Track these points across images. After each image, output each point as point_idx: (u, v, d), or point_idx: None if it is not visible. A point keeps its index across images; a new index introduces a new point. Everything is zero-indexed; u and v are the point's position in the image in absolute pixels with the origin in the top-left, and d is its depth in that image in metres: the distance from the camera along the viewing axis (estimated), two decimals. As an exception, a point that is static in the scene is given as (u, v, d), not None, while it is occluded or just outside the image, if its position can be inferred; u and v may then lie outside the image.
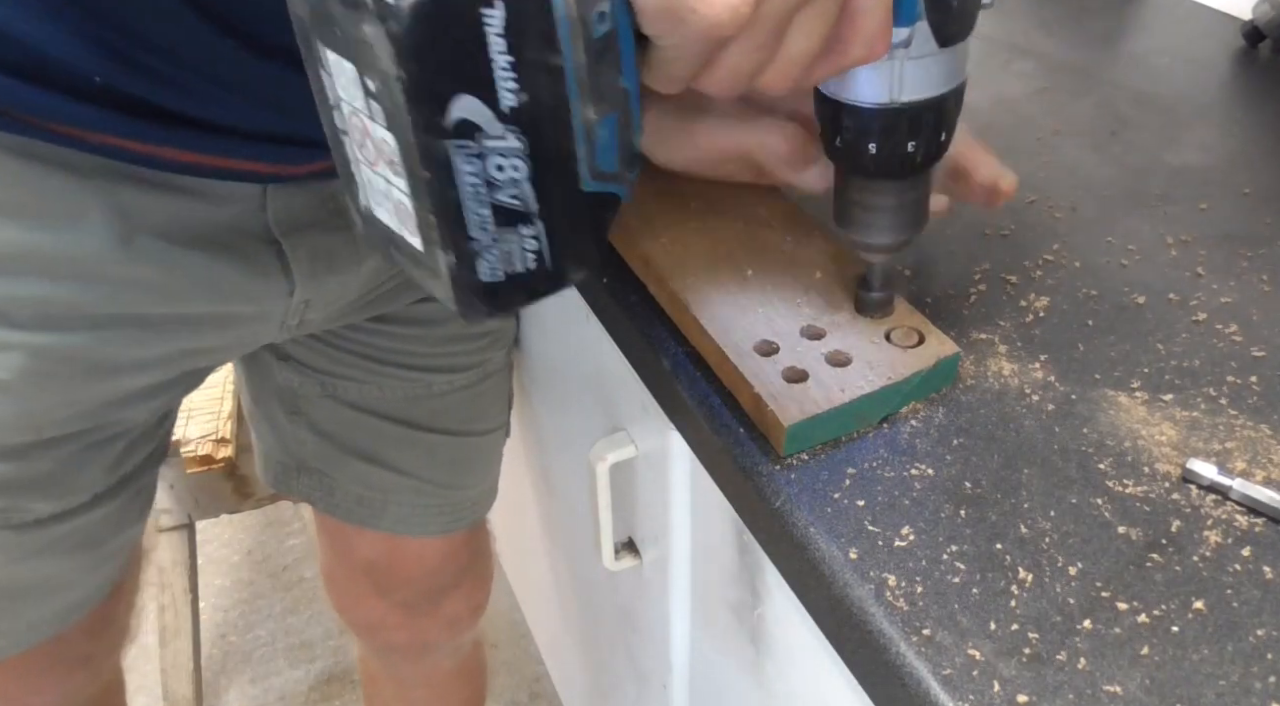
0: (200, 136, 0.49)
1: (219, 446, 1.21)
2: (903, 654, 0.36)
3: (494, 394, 0.80)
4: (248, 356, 0.76)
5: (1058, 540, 0.40)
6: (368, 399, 0.74)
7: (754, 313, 0.49)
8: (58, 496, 0.61)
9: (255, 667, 1.46)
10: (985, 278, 0.55)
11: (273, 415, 0.78)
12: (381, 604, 0.89)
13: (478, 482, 0.84)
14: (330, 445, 0.77)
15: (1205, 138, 0.67)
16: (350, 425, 0.76)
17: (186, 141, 0.49)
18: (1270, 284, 0.54)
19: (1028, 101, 0.71)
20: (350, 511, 0.80)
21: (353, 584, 0.89)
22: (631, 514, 0.71)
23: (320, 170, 0.55)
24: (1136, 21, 0.83)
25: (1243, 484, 0.41)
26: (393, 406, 0.75)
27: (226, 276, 0.55)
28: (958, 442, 0.45)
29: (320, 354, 0.72)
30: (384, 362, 0.73)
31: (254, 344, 0.66)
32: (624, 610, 0.82)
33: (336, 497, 0.80)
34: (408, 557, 0.85)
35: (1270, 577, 0.39)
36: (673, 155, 0.54)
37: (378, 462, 0.77)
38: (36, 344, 0.52)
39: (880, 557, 0.40)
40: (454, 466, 0.81)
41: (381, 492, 0.79)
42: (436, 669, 1.00)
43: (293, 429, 0.78)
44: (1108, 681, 0.35)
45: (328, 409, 0.75)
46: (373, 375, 0.73)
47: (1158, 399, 0.47)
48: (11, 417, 0.55)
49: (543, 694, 1.40)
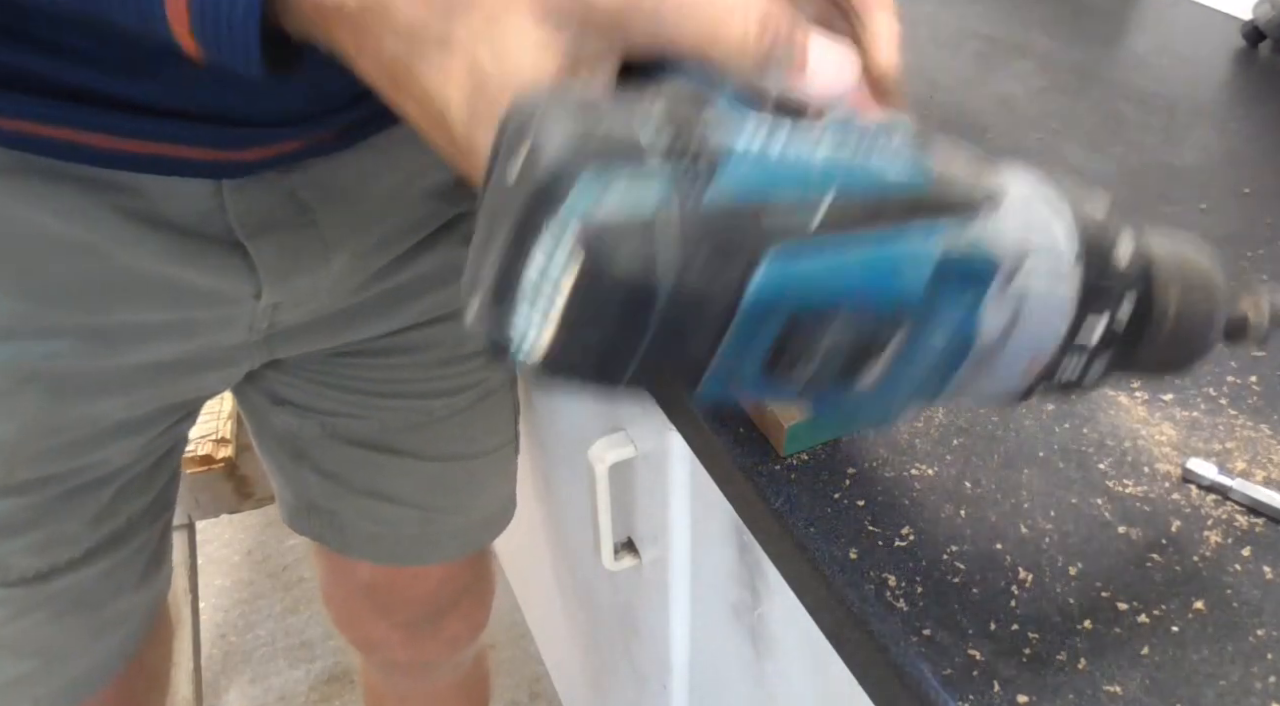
0: (132, 120, 0.44)
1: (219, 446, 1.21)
2: (903, 654, 0.36)
3: (498, 410, 0.77)
4: (247, 405, 0.73)
5: (1058, 540, 0.40)
6: (369, 433, 0.71)
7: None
8: (41, 549, 0.57)
9: (255, 667, 1.45)
10: (985, 278, 0.54)
11: (278, 460, 0.76)
12: (382, 624, 0.87)
13: (489, 504, 0.82)
14: (337, 484, 0.74)
15: (1205, 138, 0.67)
16: (355, 462, 0.73)
17: (116, 126, 0.44)
18: (1270, 284, 0.54)
19: (1028, 101, 0.71)
20: (362, 548, 0.78)
21: (352, 604, 0.87)
22: (631, 514, 0.71)
23: (273, 155, 0.50)
24: (1136, 21, 0.83)
25: (1243, 484, 0.41)
26: (395, 438, 0.72)
27: (184, 280, 0.51)
28: (958, 442, 0.45)
29: (316, 394, 0.69)
30: (381, 394, 0.70)
31: (225, 357, 0.60)
32: (624, 610, 0.82)
33: (347, 535, 0.77)
34: (408, 581, 0.83)
35: (1270, 577, 0.39)
36: None
37: (386, 498, 0.75)
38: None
39: (880, 557, 0.40)
40: (463, 491, 0.78)
41: (392, 526, 0.76)
42: (438, 684, 0.98)
43: (298, 471, 0.75)
44: (1108, 681, 0.35)
45: (330, 448, 0.72)
46: (371, 408, 0.70)
47: (1158, 399, 0.47)
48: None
49: (543, 694, 1.40)
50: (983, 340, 0.27)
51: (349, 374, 0.68)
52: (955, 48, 0.78)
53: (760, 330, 0.24)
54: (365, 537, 0.77)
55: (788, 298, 0.24)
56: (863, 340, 0.26)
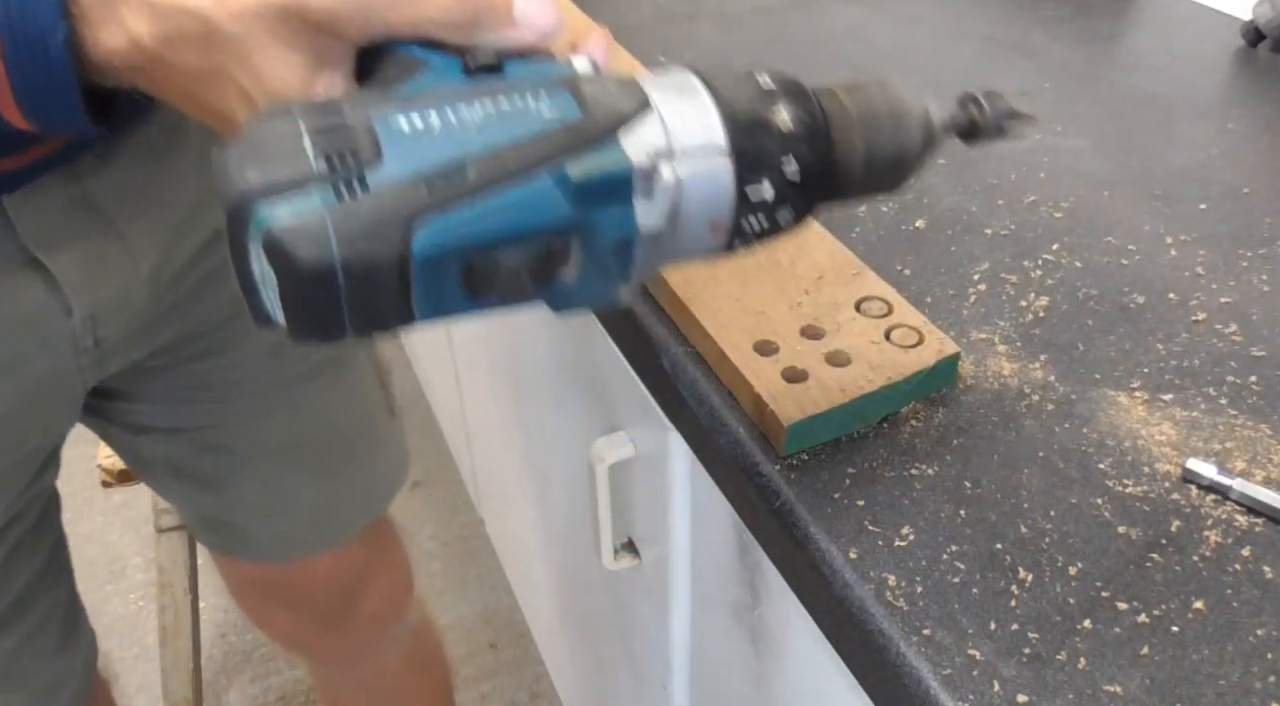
0: None
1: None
2: (903, 653, 0.36)
3: (360, 380, 0.77)
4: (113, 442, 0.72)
5: (1058, 540, 0.40)
6: (239, 437, 0.71)
7: (754, 312, 0.49)
8: None
9: (255, 667, 1.45)
10: (985, 277, 0.55)
11: (163, 484, 0.76)
12: (293, 617, 0.86)
13: (374, 473, 0.81)
14: (223, 495, 0.74)
15: (1205, 137, 0.67)
16: (234, 469, 0.73)
17: None
18: (1270, 284, 0.54)
19: (1031, 101, 0.71)
20: (276, 552, 0.78)
21: (261, 604, 0.87)
22: (631, 514, 0.71)
23: (46, 155, 0.49)
24: (1136, 21, 0.83)
25: (1242, 483, 0.41)
26: (270, 436, 0.72)
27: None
28: (958, 442, 0.45)
29: (174, 414, 0.69)
30: (234, 397, 0.69)
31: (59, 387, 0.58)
32: (623, 610, 0.82)
33: (250, 540, 0.77)
34: (303, 571, 0.82)
35: (1270, 577, 0.39)
36: None
37: (276, 498, 0.75)
38: None
39: (880, 557, 0.40)
40: (346, 466, 0.78)
41: (288, 522, 0.77)
42: (383, 669, 0.96)
43: (184, 491, 0.75)
44: (1108, 681, 0.35)
45: (206, 461, 0.72)
46: (231, 412, 0.70)
47: (1158, 399, 0.47)
48: None
49: (542, 693, 1.40)
50: (648, 230, 0.33)
51: (197, 383, 0.68)
52: (957, 48, 0.78)
53: (442, 273, 0.30)
54: (271, 538, 0.77)
55: (451, 248, 0.30)
56: (541, 255, 0.32)
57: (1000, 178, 0.63)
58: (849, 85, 0.37)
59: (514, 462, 1.12)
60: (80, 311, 0.54)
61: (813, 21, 0.83)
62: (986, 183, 0.62)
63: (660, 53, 0.77)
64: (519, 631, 1.47)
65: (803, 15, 0.85)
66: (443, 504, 1.68)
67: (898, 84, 0.37)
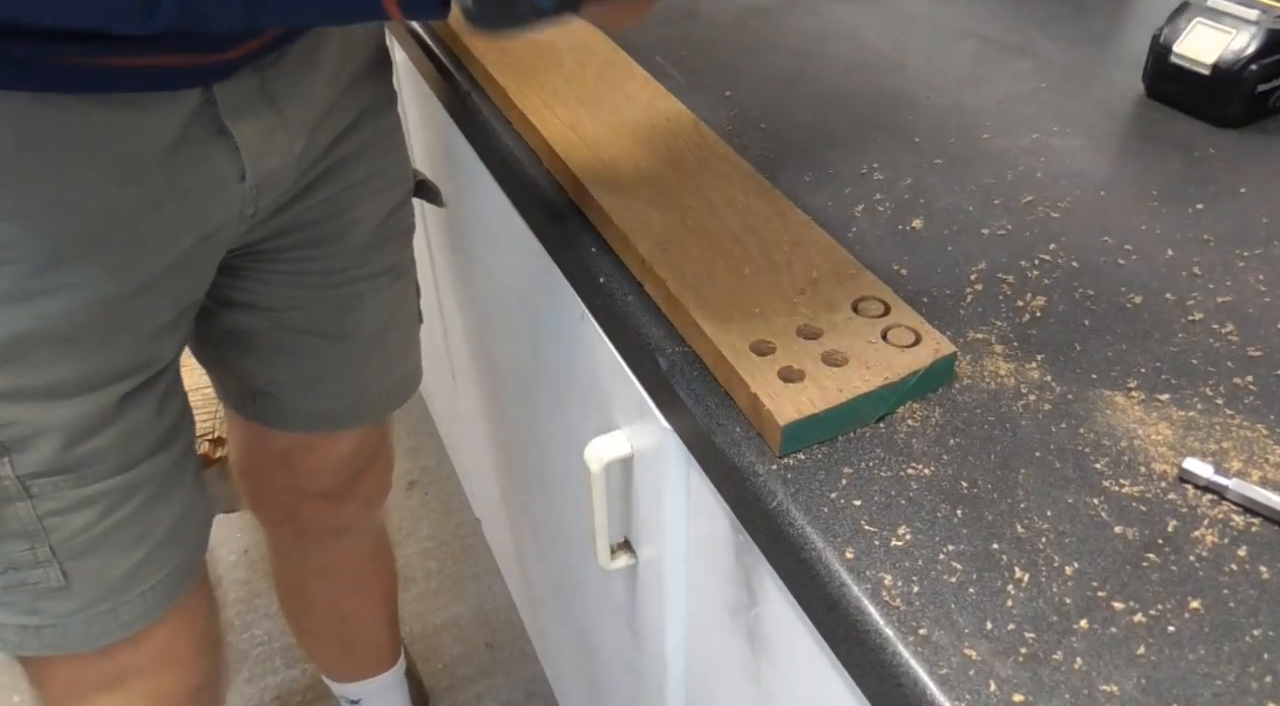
0: (133, 43, 0.53)
1: (215, 446, 1.21)
2: (899, 653, 0.36)
3: (407, 289, 0.88)
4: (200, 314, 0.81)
5: (1054, 540, 0.40)
6: (311, 321, 0.81)
7: (750, 312, 0.49)
8: (123, 442, 0.66)
9: (252, 667, 1.45)
10: (982, 277, 0.54)
11: (222, 356, 0.85)
12: (299, 491, 0.95)
13: (403, 368, 0.91)
14: (281, 370, 0.84)
15: (1203, 137, 0.67)
16: (298, 348, 0.82)
17: (122, 49, 0.53)
18: (1266, 284, 0.54)
19: (1027, 101, 0.71)
20: (301, 423, 0.88)
21: (270, 476, 0.94)
22: (627, 513, 0.71)
23: (256, 49, 0.60)
24: (1136, 21, 0.83)
25: (1239, 483, 0.41)
26: (332, 323, 0.82)
27: (188, 168, 0.60)
28: (954, 442, 0.45)
29: (265, 294, 0.79)
30: (319, 285, 0.79)
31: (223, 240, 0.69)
32: (620, 610, 0.82)
33: (289, 414, 0.87)
34: (326, 446, 0.91)
35: (1266, 577, 0.39)
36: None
37: (324, 376, 0.85)
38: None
39: (876, 557, 0.40)
40: (385, 361, 0.88)
41: (329, 401, 0.87)
42: (353, 552, 1.07)
43: (243, 363, 0.84)
44: (1104, 681, 0.35)
45: (278, 339, 0.82)
46: (311, 299, 0.80)
47: (1154, 399, 0.47)
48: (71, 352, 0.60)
49: (539, 693, 1.40)
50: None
51: (295, 269, 0.78)
52: (954, 48, 0.78)
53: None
54: (305, 414, 0.87)
55: None
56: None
57: (997, 177, 0.63)
58: None
59: (510, 462, 1.12)
60: (251, 178, 0.65)
61: (809, 21, 0.83)
62: (983, 182, 0.62)
63: (657, 53, 0.77)
64: (515, 631, 1.47)
65: (799, 15, 0.85)
66: (439, 503, 1.68)
67: None
